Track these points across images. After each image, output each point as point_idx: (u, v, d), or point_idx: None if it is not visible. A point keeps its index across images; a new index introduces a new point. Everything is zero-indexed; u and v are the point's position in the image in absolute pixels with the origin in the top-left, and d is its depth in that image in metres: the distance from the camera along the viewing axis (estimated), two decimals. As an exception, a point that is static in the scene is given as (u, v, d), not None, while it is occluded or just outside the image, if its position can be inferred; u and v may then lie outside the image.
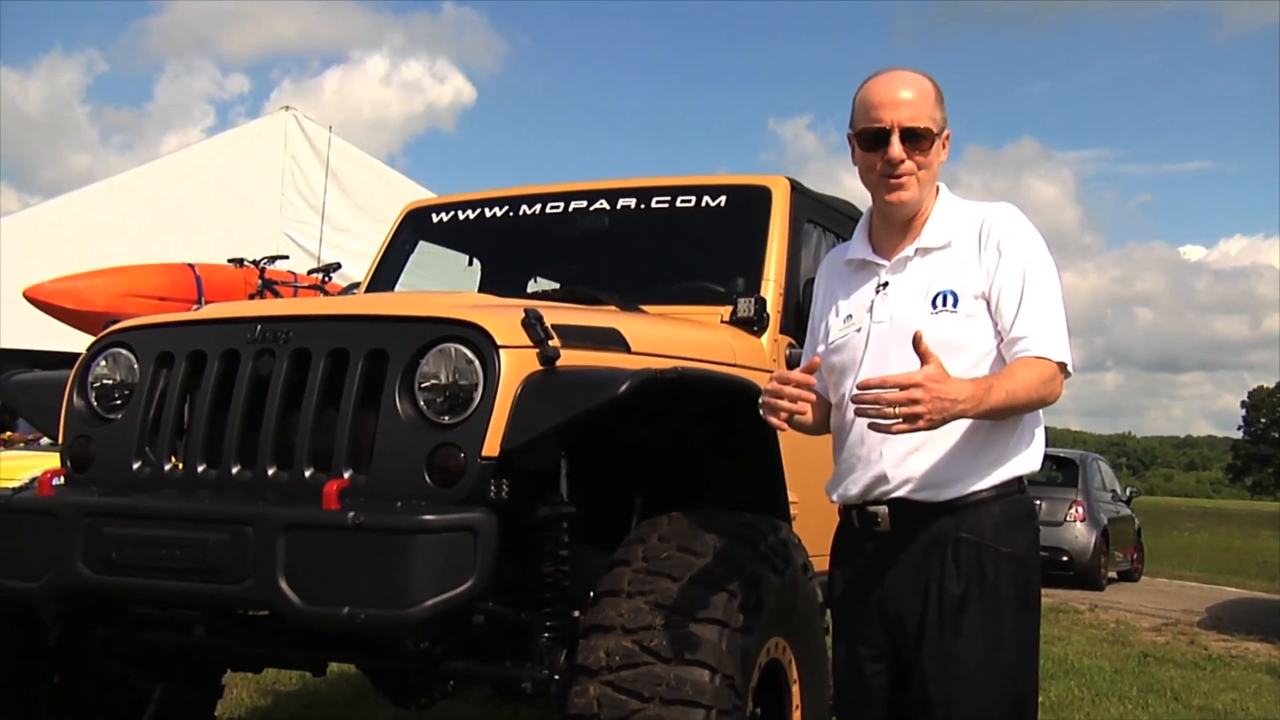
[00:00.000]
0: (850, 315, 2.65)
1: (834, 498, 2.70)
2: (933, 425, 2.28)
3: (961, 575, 2.48)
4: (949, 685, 2.46)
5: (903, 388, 2.24)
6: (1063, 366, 2.47)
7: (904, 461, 2.51)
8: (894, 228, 2.64)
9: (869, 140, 2.56)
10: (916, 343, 2.31)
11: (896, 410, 2.23)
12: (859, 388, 2.32)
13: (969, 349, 2.49)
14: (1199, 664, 8.43)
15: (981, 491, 2.51)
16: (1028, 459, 2.57)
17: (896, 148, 2.52)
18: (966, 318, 2.51)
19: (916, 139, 2.52)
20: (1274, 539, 16.22)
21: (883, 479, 2.54)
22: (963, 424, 2.45)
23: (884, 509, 2.55)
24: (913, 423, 2.25)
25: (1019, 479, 2.56)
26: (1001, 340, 2.51)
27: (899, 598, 2.54)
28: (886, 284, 2.61)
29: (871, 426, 2.29)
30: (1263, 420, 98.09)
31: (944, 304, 2.52)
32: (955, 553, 2.49)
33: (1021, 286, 2.48)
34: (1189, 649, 9.29)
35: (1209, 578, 17.33)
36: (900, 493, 2.52)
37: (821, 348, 2.70)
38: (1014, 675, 2.51)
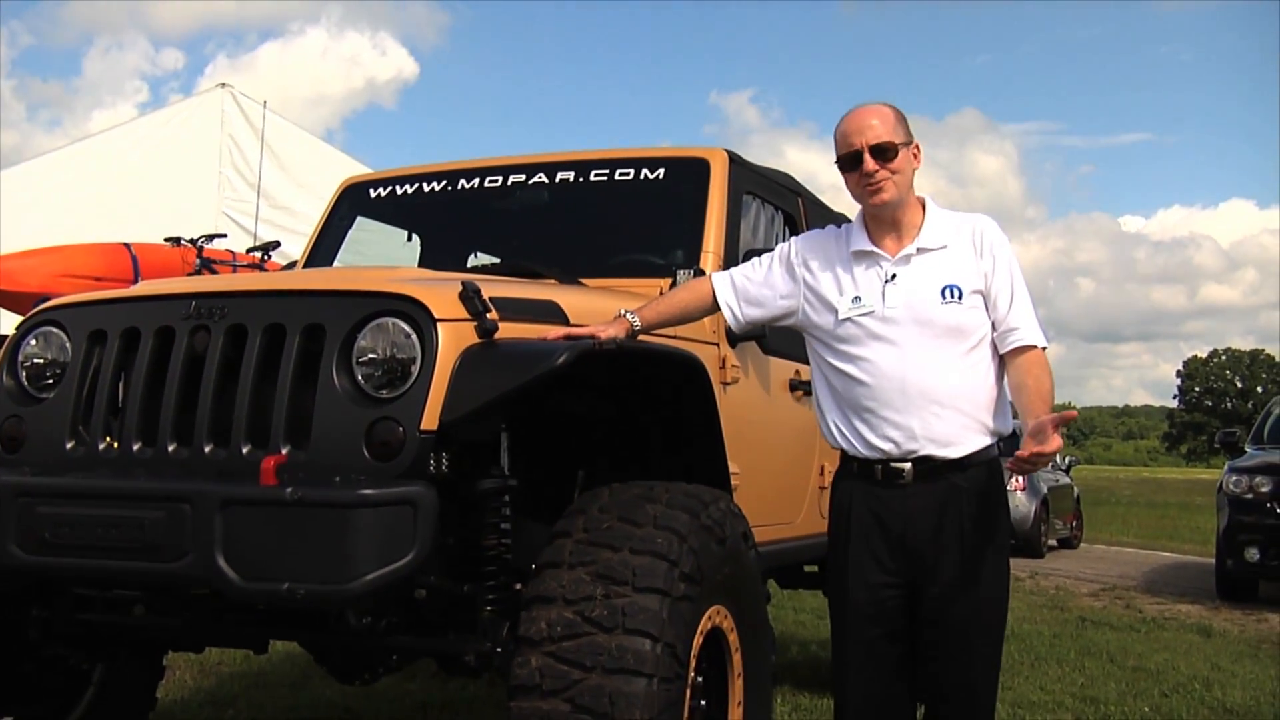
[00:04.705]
0: (858, 297, 3.16)
1: (853, 452, 3.18)
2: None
3: (970, 520, 3.08)
4: (967, 604, 3.08)
5: (1039, 455, 2.83)
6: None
7: (929, 424, 3.06)
8: (886, 228, 3.18)
9: (848, 162, 3.14)
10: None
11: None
12: (1016, 466, 2.92)
13: (971, 334, 3.09)
14: (1134, 626, 8.64)
15: (980, 451, 3.11)
16: (1005, 421, 3.17)
17: (869, 163, 3.10)
18: (970, 309, 3.10)
19: (883, 152, 3.10)
20: (1207, 506, 16.61)
21: (911, 437, 3.08)
22: (970, 391, 3.08)
23: (909, 465, 3.10)
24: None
25: (1000, 439, 3.17)
26: (995, 328, 3.11)
27: (919, 537, 3.10)
28: (895, 275, 3.13)
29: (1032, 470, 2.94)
30: (1197, 389, 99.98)
31: (951, 296, 3.09)
32: (965, 501, 3.08)
33: (1011, 288, 3.11)
34: (1125, 612, 9.52)
35: (1145, 544, 17.73)
36: (924, 451, 3.08)
37: (830, 317, 3.20)
38: (1005, 593, 3.20)
